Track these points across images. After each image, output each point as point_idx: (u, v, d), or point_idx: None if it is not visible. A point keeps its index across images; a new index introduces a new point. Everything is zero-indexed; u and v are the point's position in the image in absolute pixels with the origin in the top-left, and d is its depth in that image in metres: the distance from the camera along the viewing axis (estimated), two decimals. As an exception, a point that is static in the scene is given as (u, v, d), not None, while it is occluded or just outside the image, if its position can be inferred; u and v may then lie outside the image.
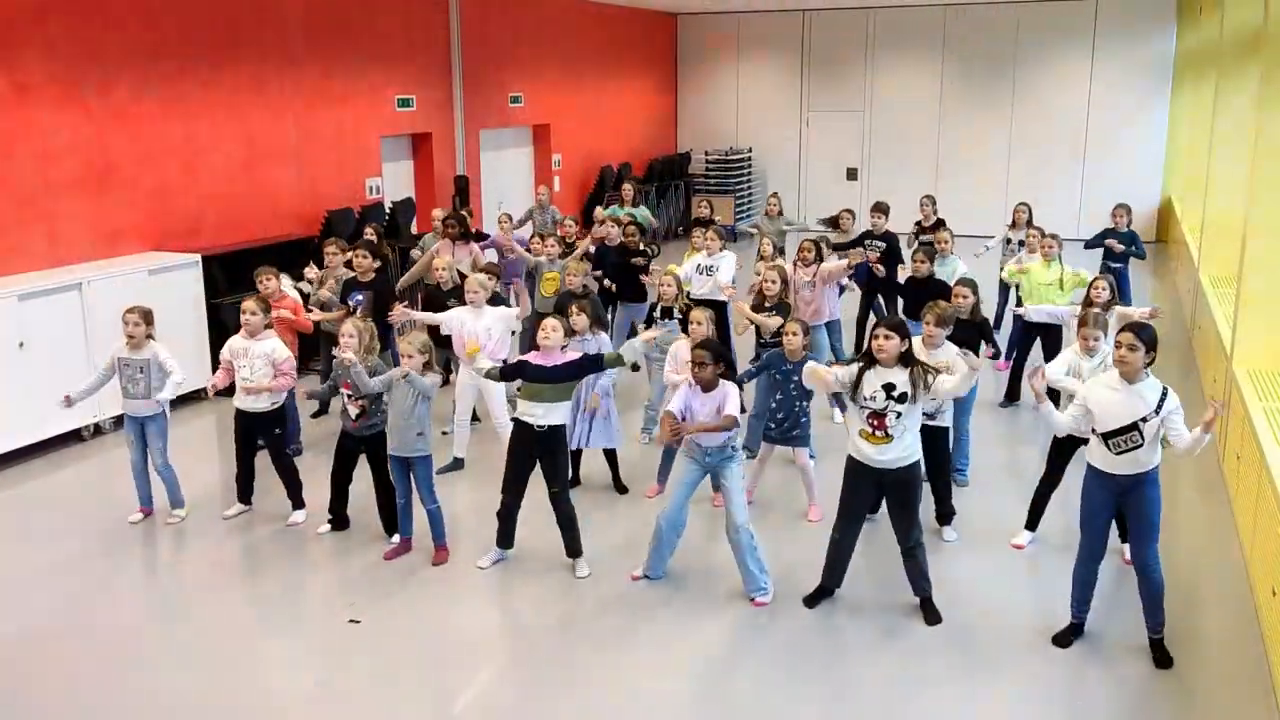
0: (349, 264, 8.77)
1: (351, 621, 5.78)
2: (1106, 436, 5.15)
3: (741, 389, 6.19)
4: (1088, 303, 7.45)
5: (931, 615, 5.73)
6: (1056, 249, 9.33)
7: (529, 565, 6.44)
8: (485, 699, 5.15)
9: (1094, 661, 5.35)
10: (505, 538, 6.43)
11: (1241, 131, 10.27)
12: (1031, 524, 6.72)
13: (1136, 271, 11.24)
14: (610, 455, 7.52)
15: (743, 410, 5.99)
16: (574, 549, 6.34)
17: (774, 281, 7.77)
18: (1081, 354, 6.44)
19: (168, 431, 7.02)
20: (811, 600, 5.92)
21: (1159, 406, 5.06)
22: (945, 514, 6.78)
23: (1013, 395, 9.51)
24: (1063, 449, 6.45)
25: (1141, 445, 5.09)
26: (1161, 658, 5.32)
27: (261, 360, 6.87)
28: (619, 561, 6.45)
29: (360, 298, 8.18)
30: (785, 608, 5.90)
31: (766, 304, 7.70)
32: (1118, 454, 5.14)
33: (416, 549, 6.60)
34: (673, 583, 6.20)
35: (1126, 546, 6.35)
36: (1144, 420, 5.06)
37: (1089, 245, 11.14)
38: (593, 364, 6.19)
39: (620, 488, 7.55)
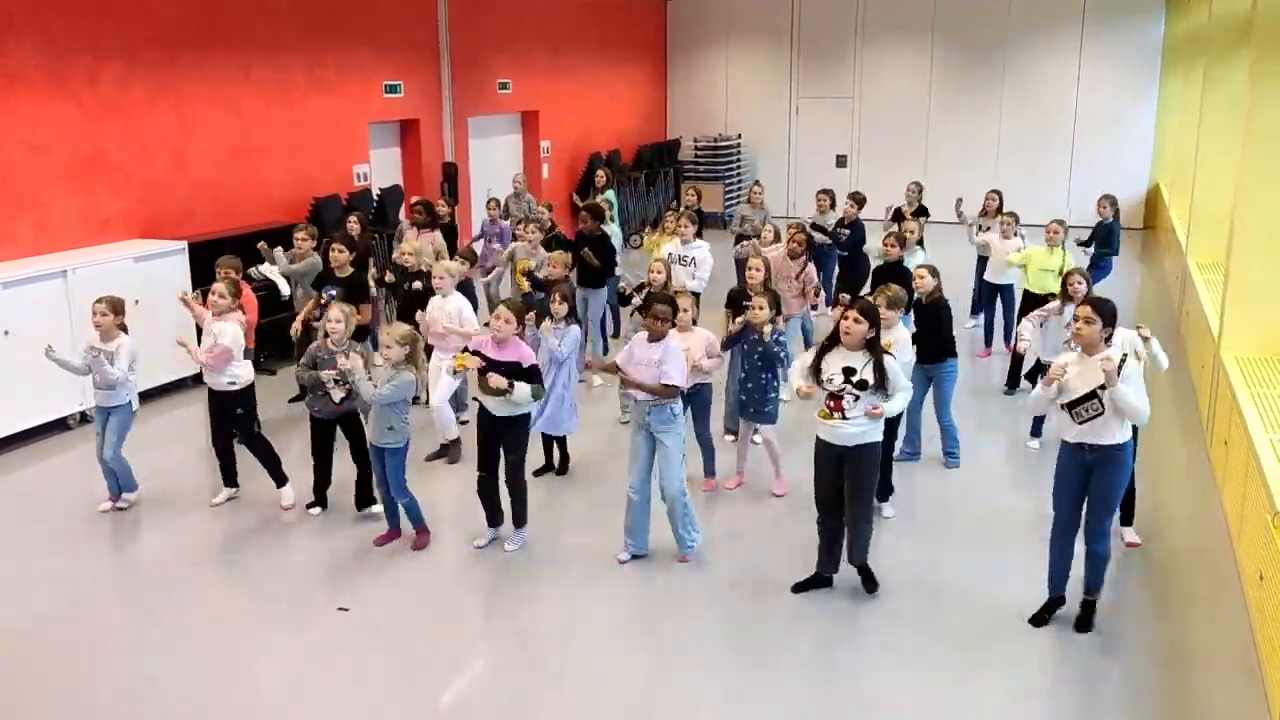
0: (321, 252, 8.76)
1: (340, 609, 5.77)
2: (1070, 406, 5.24)
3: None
4: (1065, 297, 7.49)
5: (870, 584, 5.87)
6: (1062, 234, 9.35)
7: (519, 552, 6.45)
8: (473, 683, 5.15)
9: (1080, 646, 5.37)
10: (492, 515, 6.51)
11: (1230, 118, 10.28)
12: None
13: (1120, 258, 11.26)
14: (560, 439, 7.60)
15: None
16: (519, 519, 6.48)
17: (758, 270, 7.76)
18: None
19: (129, 426, 6.98)
20: (800, 586, 5.94)
21: (1120, 369, 5.12)
22: (884, 490, 6.80)
23: (1015, 380, 9.45)
24: None
25: (1103, 413, 5.16)
26: (1084, 621, 5.45)
27: (211, 338, 6.89)
28: (586, 540, 6.48)
29: (334, 292, 8.11)
30: (765, 593, 5.91)
31: (750, 293, 7.62)
32: (1079, 423, 5.22)
33: (406, 534, 6.60)
34: (652, 567, 6.22)
35: (1127, 530, 6.41)
36: (1102, 388, 5.13)
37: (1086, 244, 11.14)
38: (530, 378, 6.14)
39: (562, 469, 7.62)
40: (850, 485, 5.68)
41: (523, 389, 6.04)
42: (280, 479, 7.11)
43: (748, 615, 5.72)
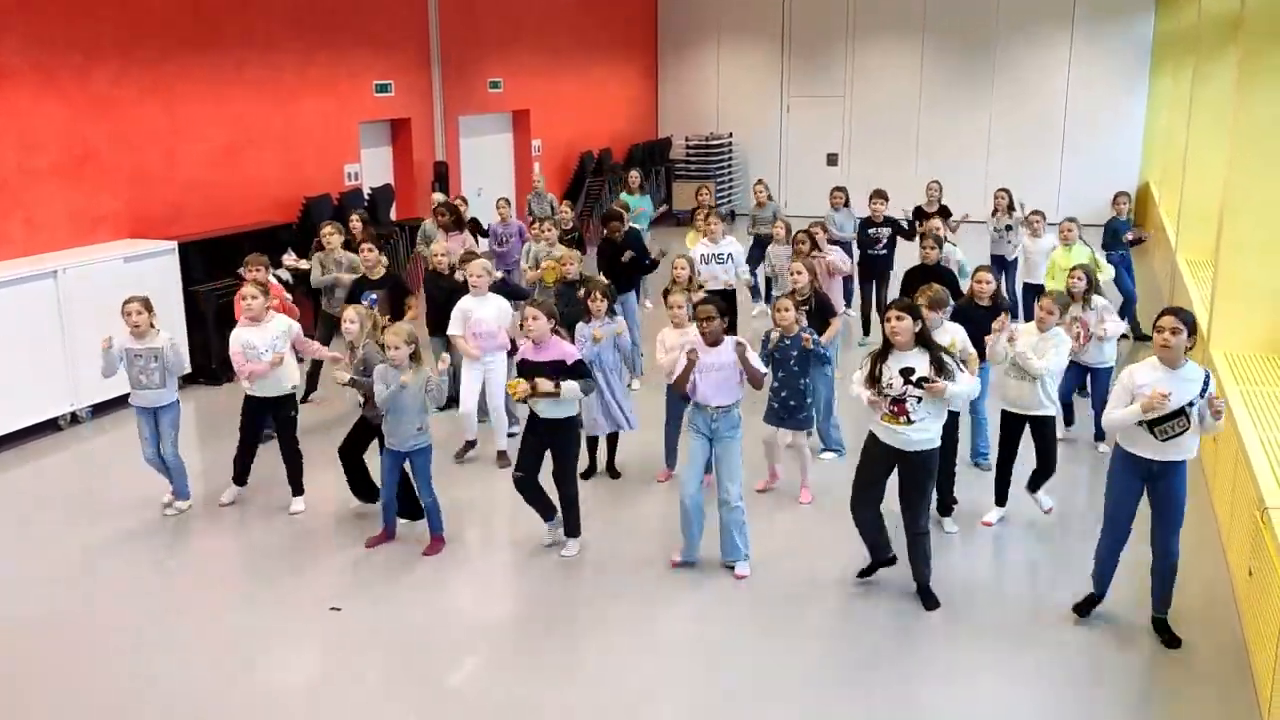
0: (347, 245, 8.74)
1: (332, 609, 5.77)
2: (1152, 424, 5.04)
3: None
4: (1068, 294, 7.50)
5: (930, 601, 5.75)
6: (1077, 232, 9.35)
7: (524, 551, 6.48)
8: (478, 680, 5.16)
9: (1070, 642, 5.40)
10: (544, 509, 6.43)
11: (1219, 116, 10.32)
12: (1000, 500, 6.75)
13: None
14: (612, 439, 7.55)
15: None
16: (571, 529, 6.40)
17: (800, 273, 7.57)
18: (1037, 330, 6.42)
19: (179, 422, 6.93)
20: (865, 572, 5.94)
21: (1203, 390, 5.01)
22: (946, 504, 6.71)
23: None
24: (1011, 425, 6.49)
25: (1188, 429, 5.01)
26: (1169, 638, 5.35)
27: (283, 339, 6.82)
28: (612, 545, 6.49)
29: (374, 297, 8.06)
30: (766, 592, 5.93)
31: (798, 298, 7.55)
32: (1164, 440, 5.06)
33: (410, 537, 6.60)
34: (655, 568, 6.22)
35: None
36: (1190, 405, 4.99)
37: (1105, 246, 11.09)
38: (576, 371, 6.14)
39: (614, 473, 7.59)
40: (909, 495, 5.60)
41: (570, 386, 6.05)
42: (298, 489, 7.06)
43: (747, 615, 5.73)
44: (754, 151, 20.62)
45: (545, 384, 6.00)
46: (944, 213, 11.42)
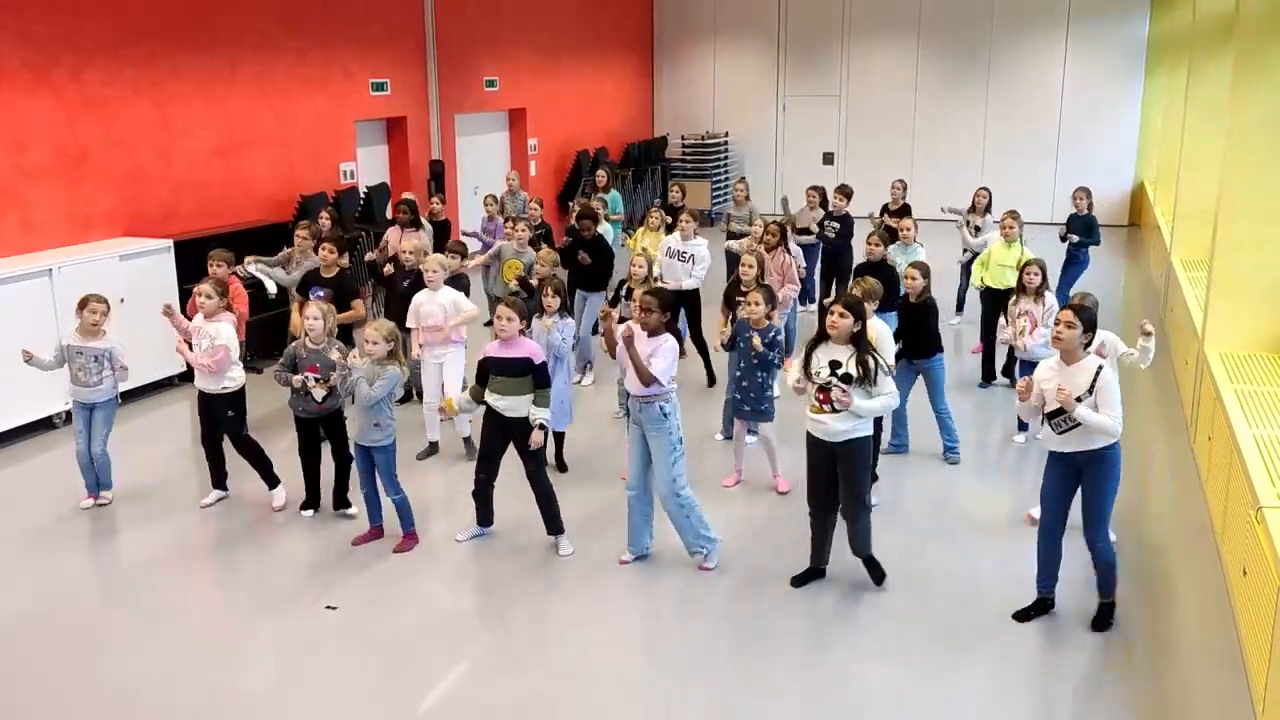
0: (318, 249, 8.72)
1: (328, 608, 5.77)
2: (1049, 417, 5.26)
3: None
4: (1020, 288, 7.74)
5: (876, 573, 5.91)
6: (1017, 229, 9.37)
7: (506, 545, 6.47)
8: (463, 683, 5.15)
9: (1066, 640, 5.40)
10: (484, 515, 6.51)
11: (1214, 116, 10.33)
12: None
13: (1105, 255, 11.28)
14: (558, 435, 7.56)
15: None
16: (553, 526, 6.37)
17: (750, 266, 7.75)
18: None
19: (113, 420, 6.98)
20: (799, 580, 5.97)
21: (1092, 385, 5.13)
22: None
23: (989, 375, 9.59)
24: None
25: (1080, 424, 5.14)
26: (1100, 620, 5.45)
27: (207, 340, 6.80)
28: (581, 540, 6.50)
29: (321, 294, 8.06)
30: (758, 589, 5.93)
31: (744, 289, 7.67)
32: (1059, 433, 5.25)
33: (387, 534, 6.59)
34: (645, 566, 6.22)
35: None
36: (1079, 400, 5.11)
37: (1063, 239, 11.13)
38: (540, 377, 6.12)
39: (561, 466, 7.59)
40: (842, 480, 5.71)
41: (541, 416, 6.06)
42: (272, 480, 7.06)
43: (739, 612, 5.74)
44: (750, 150, 20.62)
45: (536, 438, 6.06)
46: (905, 212, 11.45)
